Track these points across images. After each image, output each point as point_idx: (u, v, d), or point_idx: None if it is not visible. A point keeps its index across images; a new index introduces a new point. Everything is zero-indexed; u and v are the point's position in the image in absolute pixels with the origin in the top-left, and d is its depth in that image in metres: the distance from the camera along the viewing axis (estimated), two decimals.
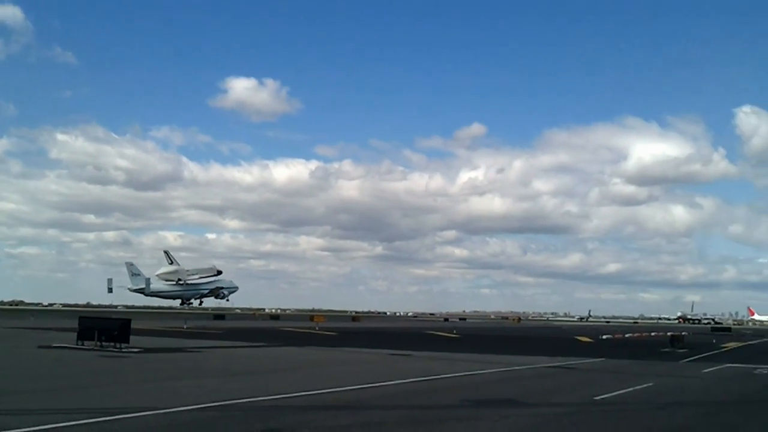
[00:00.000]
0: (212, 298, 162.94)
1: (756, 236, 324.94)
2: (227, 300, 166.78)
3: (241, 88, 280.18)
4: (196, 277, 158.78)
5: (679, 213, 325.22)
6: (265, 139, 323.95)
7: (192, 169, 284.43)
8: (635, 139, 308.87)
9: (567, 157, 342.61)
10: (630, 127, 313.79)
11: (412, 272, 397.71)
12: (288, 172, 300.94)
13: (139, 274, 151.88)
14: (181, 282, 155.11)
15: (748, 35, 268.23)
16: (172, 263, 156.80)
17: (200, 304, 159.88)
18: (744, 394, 18.19)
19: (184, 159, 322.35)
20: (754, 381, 22.26)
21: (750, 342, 56.75)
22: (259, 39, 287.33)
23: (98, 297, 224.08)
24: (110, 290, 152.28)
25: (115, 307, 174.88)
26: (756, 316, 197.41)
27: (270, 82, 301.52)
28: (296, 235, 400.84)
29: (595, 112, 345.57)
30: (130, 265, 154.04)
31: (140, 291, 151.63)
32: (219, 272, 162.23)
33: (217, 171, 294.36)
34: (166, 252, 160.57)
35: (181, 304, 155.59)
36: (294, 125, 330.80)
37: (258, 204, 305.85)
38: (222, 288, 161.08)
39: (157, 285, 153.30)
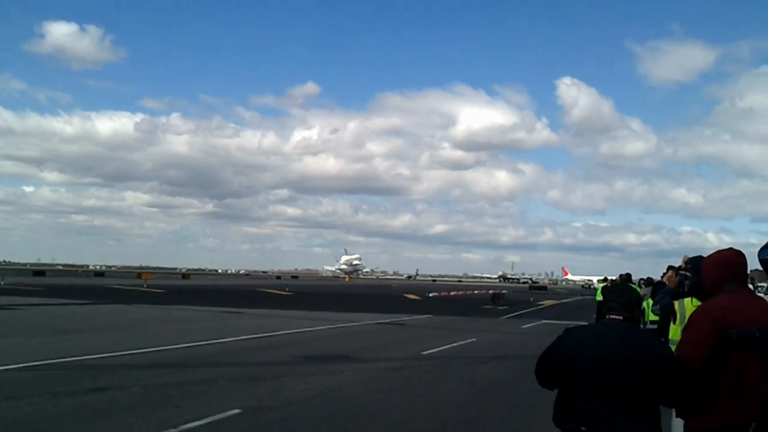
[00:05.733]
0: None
1: (571, 202, 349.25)
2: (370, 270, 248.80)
3: (59, 33, 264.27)
4: (355, 260, 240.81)
5: (502, 178, 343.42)
6: (87, 88, 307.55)
7: (6, 117, 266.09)
8: (464, 105, 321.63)
9: (400, 120, 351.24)
10: (459, 94, 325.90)
11: (244, 230, 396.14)
12: (112, 124, 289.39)
13: (339, 261, 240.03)
14: (351, 264, 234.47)
15: (568, 6, 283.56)
16: (346, 253, 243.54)
17: (358, 275, 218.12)
18: None
19: None
20: None
21: (564, 300, 60.85)
22: None
23: None
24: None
25: None
26: (569, 276, 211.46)
27: (93, 29, 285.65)
28: (122, 190, 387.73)
29: (427, 77, 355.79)
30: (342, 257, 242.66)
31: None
32: (359, 257, 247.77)
33: (35, 120, 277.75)
34: (344, 249, 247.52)
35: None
36: (119, 75, 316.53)
37: (80, 157, 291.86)
38: (373, 269, 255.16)
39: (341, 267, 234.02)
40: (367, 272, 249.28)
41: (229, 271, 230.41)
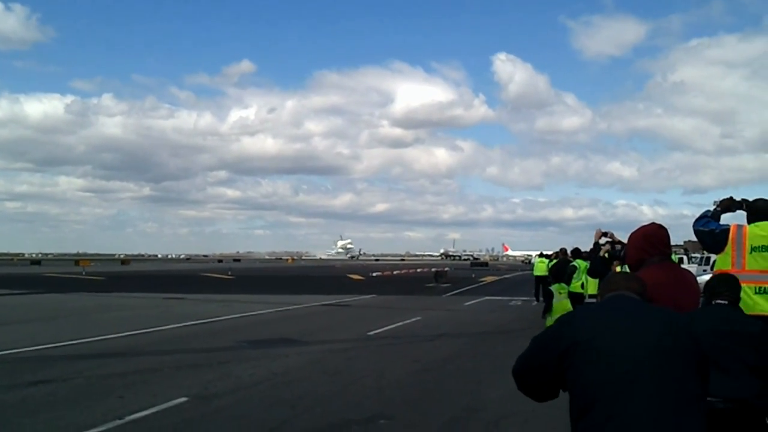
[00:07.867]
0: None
1: (510, 178, 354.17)
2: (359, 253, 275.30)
3: None
4: (348, 245, 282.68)
5: (441, 155, 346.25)
6: (15, 70, 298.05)
7: None
8: (402, 82, 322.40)
9: (338, 98, 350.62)
10: (397, 71, 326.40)
11: (182, 213, 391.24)
12: (42, 107, 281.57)
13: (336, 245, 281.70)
14: (346, 249, 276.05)
15: None
16: (342, 240, 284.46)
17: (353, 258, 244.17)
18: (500, 324, 19.87)
19: None
20: (508, 312, 24.34)
21: (505, 276, 61.78)
22: None
23: None
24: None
25: None
26: (509, 252, 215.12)
27: (18, 7, 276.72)
28: (54, 175, 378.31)
29: (364, 54, 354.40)
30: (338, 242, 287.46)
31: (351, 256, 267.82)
32: (351, 242, 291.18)
33: None
34: (340, 235, 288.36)
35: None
36: (47, 56, 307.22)
37: (9, 141, 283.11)
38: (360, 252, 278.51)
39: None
40: (356, 255, 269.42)
41: (169, 256, 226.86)
